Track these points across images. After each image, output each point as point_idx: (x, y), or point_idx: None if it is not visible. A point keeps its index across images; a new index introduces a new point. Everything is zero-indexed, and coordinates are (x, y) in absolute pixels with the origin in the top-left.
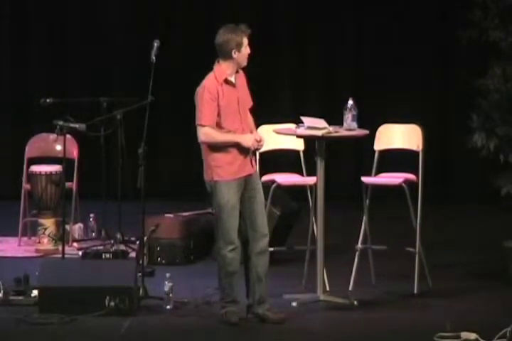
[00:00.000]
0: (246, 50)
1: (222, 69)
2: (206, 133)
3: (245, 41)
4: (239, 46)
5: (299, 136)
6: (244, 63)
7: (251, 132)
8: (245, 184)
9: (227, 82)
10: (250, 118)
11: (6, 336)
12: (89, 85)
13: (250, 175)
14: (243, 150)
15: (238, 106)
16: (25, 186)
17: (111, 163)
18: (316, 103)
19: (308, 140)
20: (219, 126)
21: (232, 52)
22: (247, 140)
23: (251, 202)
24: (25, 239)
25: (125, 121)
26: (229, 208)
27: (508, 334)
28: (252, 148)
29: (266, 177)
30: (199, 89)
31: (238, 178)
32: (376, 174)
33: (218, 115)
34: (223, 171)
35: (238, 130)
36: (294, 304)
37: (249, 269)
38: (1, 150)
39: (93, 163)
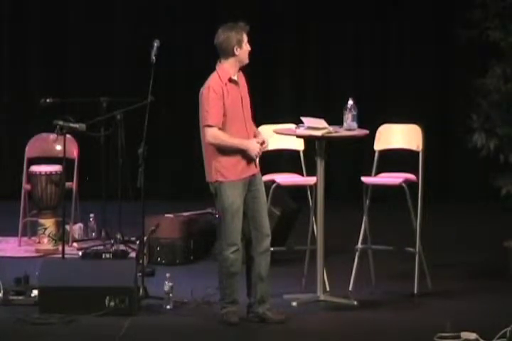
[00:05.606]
0: (247, 46)
1: (225, 68)
2: (214, 135)
3: (245, 38)
4: (239, 43)
5: (298, 136)
6: (246, 60)
7: (254, 135)
8: (249, 184)
9: (231, 81)
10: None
11: (6, 336)
12: (89, 85)
13: (254, 176)
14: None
15: (242, 105)
16: (25, 186)
17: (111, 163)
18: (316, 103)
19: (308, 140)
20: (224, 125)
21: (234, 49)
22: (251, 148)
23: (254, 202)
24: (25, 239)
25: (125, 121)
26: (234, 209)
27: (508, 334)
28: (257, 157)
29: (266, 177)
30: (203, 90)
31: (243, 179)
32: (376, 174)
33: (224, 115)
34: (228, 172)
35: (241, 128)
36: (294, 304)
37: (251, 269)
38: (1, 150)
39: (93, 163)
